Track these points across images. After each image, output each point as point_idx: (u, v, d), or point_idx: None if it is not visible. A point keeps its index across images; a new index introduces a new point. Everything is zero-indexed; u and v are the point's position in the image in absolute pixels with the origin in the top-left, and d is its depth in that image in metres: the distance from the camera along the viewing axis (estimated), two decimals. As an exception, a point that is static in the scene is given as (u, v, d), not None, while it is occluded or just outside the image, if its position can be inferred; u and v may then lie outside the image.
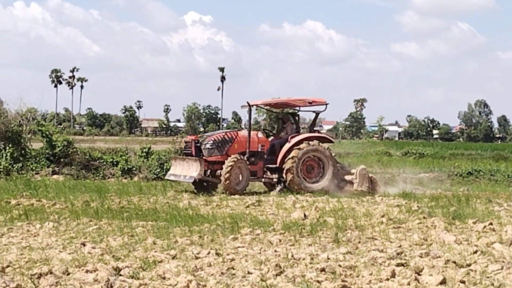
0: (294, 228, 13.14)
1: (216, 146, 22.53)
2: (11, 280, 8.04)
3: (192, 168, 21.77)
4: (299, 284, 8.13)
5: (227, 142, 22.70)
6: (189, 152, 22.76)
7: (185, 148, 23.49)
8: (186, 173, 21.90)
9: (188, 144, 23.10)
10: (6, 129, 29.37)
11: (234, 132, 23.40)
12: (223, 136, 22.83)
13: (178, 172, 22.36)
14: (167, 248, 10.90)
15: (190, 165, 21.97)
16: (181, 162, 22.58)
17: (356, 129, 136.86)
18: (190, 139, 23.27)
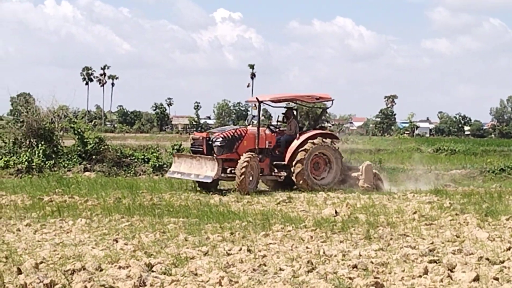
0: (325, 225, 13.11)
1: (226, 143, 21.62)
2: (45, 276, 8.11)
3: (207, 167, 20.75)
4: (331, 280, 8.10)
5: (237, 139, 21.83)
6: (199, 149, 21.69)
7: (194, 146, 22.19)
8: (198, 171, 20.86)
9: (197, 141, 21.98)
10: (38, 127, 29.62)
11: (244, 129, 22.41)
12: (233, 133, 21.92)
13: (186, 170, 21.25)
14: (199, 245, 10.93)
15: (203, 163, 20.91)
16: (190, 160, 21.46)
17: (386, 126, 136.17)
18: (200, 136, 22.17)
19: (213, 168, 20.52)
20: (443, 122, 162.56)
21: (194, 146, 22.06)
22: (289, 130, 22.83)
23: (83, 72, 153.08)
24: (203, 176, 20.61)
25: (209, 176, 20.50)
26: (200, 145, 21.69)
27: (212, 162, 20.71)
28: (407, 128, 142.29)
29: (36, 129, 29.61)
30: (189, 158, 21.70)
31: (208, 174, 20.52)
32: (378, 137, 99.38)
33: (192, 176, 20.97)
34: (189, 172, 21.10)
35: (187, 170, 21.22)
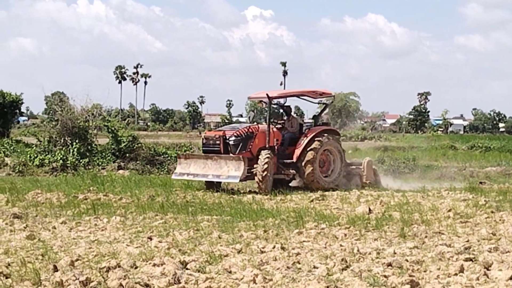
0: (359, 223, 13.06)
1: (241, 141, 20.87)
2: (80, 273, 8.16)
3: (230, 167, 19.93)
4: (365, 278, 8.06)
5: (250, 137, 21.05)
6: (215, 149, 20.79)
7: (207, 145, 21.19)
8: (217, 172, 20.03)
9: (211, 140, 21.05)
10: (73, 125, 29.88)
11: (255, 126, 21.49)
12: (246, 131, 21.12)
13: (199, 171, 20.36)
14: (233, 242, 10.94)
15: (224, 163, 20.06)
16: (203, 160, 20.55)
17: (420, 123, 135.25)
18: (216, 135, 21.23)
19: (238, 168, 19.80)
20: (478, 119, 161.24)
21: (207, 146, 21.17)
22: (290, 127, 22.50)
23: (116, 71, 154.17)
24: (225, 176, 19.92)
25: (235, 176, 19.79)
26: (215, 144, 20.90)
27: (236, 161, 19.99)
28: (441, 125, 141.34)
29: (71, 128, 29.87)
30: (201, 158, 20.83)
31: (233, 174, 19.80)
32: (412, 134, 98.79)
33: (210, 177, 20.20)
34: (204, 173, 20.31)
35: (201, 171, 20.41)
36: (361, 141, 70.04)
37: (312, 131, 21.98)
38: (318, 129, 22.27)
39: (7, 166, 28.59)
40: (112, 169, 28.17)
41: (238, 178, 19.75)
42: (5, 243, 10.82)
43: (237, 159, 19.94)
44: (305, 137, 21.77)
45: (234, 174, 19.75)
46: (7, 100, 47.59)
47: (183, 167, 20.89)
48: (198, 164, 20.56)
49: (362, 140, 70.96)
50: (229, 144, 20.72)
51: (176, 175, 21.14)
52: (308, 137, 21.72)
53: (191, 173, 20.54)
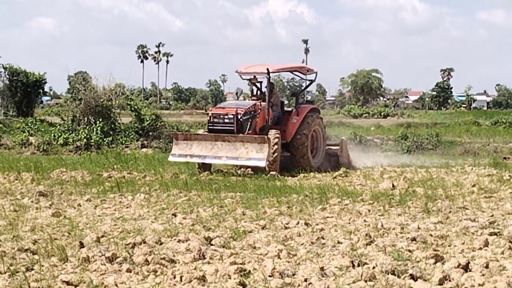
0: (382, 198, 13.05)
1: (250, 119, 19.32)
2: (106, 249, 8.24)
3: (251, 148, 18.21)
4: (390, 253, 8.07)
5: (255, 116, 19.44)
6: (228, 128, 18.95)
7: (216, 123, 19.19)
8: (233, 154, 18.30)
9: (222, 118, 19.14)
10: (96, 104, 30.06)
11: (258, 104, 19.70)
12: (253, 108, 19.47)
13: (206, 152, 18.63)
14: (257, 219, 10.99)
15: (241, 144, 18.34)
16: (210, 141, 18.75)
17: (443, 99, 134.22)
18: (229, 112, 19.19)
19: (260, 149, 18.11)
20: (501, 95, 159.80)
21: (217, 124, 19.14)
22: (275, 105, 20.80)
23: (138, 50, 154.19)
24: (245, 159, 18.21)
25: (259, 159, 18.06)
26: (227, 123, 19.02)
27: (259, 142, 18.24)
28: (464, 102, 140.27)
29: (94, 107, 30.06)
30: (208, 138, 18.88)
31: (255, 156, 18.10)
32: (434, 111, 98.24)
33: (224, 159, 18.51)
34: (214, 155, 18.56)
35: (208, 152, 18.65)
36: (384, 118, 69.78)
37: (302, 110, 20.72)
38: (307, 107, 21.18)
39: (31, 145, 28.85)
40: (135, 147, 28.34)
41: (263, 161, 18.02)
42: (32, 220, 10.93)
43: (260, 140, 18.26)
44: (297, 116, 20.45)
45: (257, 157, 18.06)
46: (30, 80, 47.80)
47: (182, 147, 19.01)
48: (203, 145, 18.76)
49: (384, 117, 70.69)
50: (240, 123, 19.08)
51: (174, 156, 19.22)
52: (301, 117, 20.45)
53: (195, 154, 18.76)
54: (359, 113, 75.81)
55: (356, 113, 75.79)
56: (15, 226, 10.23)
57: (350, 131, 36.97)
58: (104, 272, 7.35)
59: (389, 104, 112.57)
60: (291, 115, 20.50)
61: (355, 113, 75.41)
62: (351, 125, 51.37)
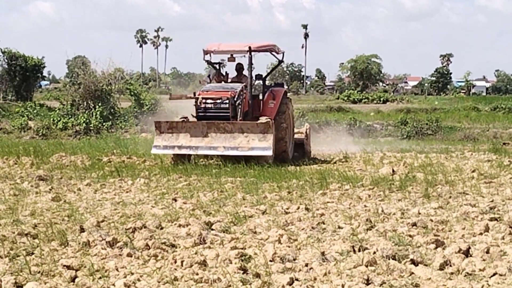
0: (383, 184, 13.05)
1: (240, 105, 17.35)
2: (106, 234, 8.24)
3: (251, 137, 16.36)
4: (390, 238, 8.07)
5: (243, 101, 17.51)
6: (222, 114, 16.95)
7: (208, 110, 17.13)
8: (232, 143, 16.37)
9: (215, 103, 17.09)
10: (95, 89, 30.06)
11: (243, 87, 17.75)
12: (240, 92, 17.45)
13: (199, 143, 16.52)
14: (257, 204, 10.98)
15: (240, 133, 16.45)
16: (201, 129, 16.61)
17: (442, 85, 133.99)
18: (224, 96, 17.08)
19: (264, 138, 16.36)
20: (500, 81, 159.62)
21: (209, 111, 17.11)
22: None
23: (137, 35, 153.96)
24: (247, 148, 16.31)
25: (264, 148, 16.33)
26: (222, 108, 17.01)
27: (262, 129, 16.44)
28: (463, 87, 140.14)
29: (93, 91, 30.06)
30: (199, 126, 16.68)
31: (258, 145, 16.34)
32: (434, 97, 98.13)
33: (221, 149, 16.46)
34: (208, 145, 16.47)
35: (200, 142, 16.52)
36: (383, 103, 69.72)
37: (278, 94, 18.68)
38: (281, 91, 19.05)
39: (30, 130, 28.86)
40: (135, 132, 28.32)
41: (269, 150, 16.34)
42: (31, 204, 10.91)
43: (263, 127, 16.47)
44: (273, 100, 18.46)
45: (260, 146, 16.30)
46: (29, 64, 47.75)
47: (167, 138, 16.73)
48: (192, 134, 16.58)
49: (384, 103, 70.63)
50: (234, 108, 17.16)
51: (158, 148, 16.85)
52: (277, 101, 18.47)
53: (183, 145, 16.57)
54: (358, 98, 75.73)
55: (356, 98, 75.72)
56: (15, 210, 10.21)
57: (350, 117, 36.96)
58: (104, 256, 7.34)
59: (389, 89, 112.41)
60: (266, 99, 18.47)
61: (354, 99, 75.33)
62: (351, 110, 51.33)
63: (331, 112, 48.78)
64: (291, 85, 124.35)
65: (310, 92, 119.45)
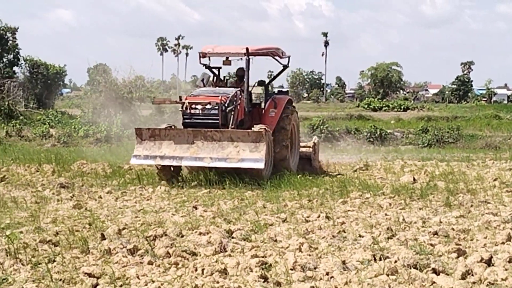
0: (403, 192, 12.99)
1: (233, 111, 15.59)
2: (127, 241, 8.26)
3: (242, 147, 14.54)
4: (412, 247, 8.02)
5: (237, 107, 15.75)
6: (209, 121, 15.21)
7: (195, 116, 15.37)
8: (219, 154, 14.56)
9: (201, 109, 15.32)
10: (116, 96, 30.16)
11: (238, 92, 16.05)
12: (235, 98, 15.78)
13: (183, 153, 14.79)
14: (277, 212, 10.97)
15: (229, 142, 14.63)
16: (187, 137, 14.91)
17: (463, 93, 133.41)
18: (212, 101, 15.30)
19: (256, 148, 14.52)
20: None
21: (195, 117, 15.37)
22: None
23: (157, 43, 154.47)
24: (236, 160, 14.43)
25: (255, 160, 14.42)
26: (210, 115, 15.28)
27: (253, 139, 14.60)
28: (484, 95, 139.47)
29: (114, 99, 30.17)
30: (184, 134, 14.99)
31: (249, 156, 14.46)
32: (455, 104, 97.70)
33: (207, 160, 14.63)
34: (193, 156, 14.72)
35: (185, 152, 14.83)
36: (404, 111, 69.50)
37: (280, 102, 17.15)
38: (284, 99, 17.46)
39: (52, 137, 29.03)
40: (155, 140, 28.36)
41: (262, 162, 14.41)
42: (53, 212, 10.97)
43: (254, 136, 14.62)
44: (275, 109, 16.92)
45: (252, 157, 14.44)
46: (50, 72, 48.07)
47: (149, 147, 15.10)
48: (177, 143, 14.96)
49: (404, 111, 70.40)
50: (225, 114, 15.49)
51: (138, 158, 15.20)
52: (279, 110, 16.93)
53: (166, 155, 14.89)
54: (378, 106, 75.57)
55: (376, 106, 75.56)
56: (36, 218, 10.27)
57: (370, 125, 36.87)
58: (125, 264, 7.36)
59: (409, 97, 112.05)
60: (267, 108, 16.95)
61: (374, 106, 75.17)
62: (371, 118, 51.20)
63: (351, 120, 48.66)
64: (311, 93, 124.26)
65: (330, 100, 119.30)
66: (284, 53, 17.69)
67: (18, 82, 47.66)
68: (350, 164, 19.80)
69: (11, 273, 7.01)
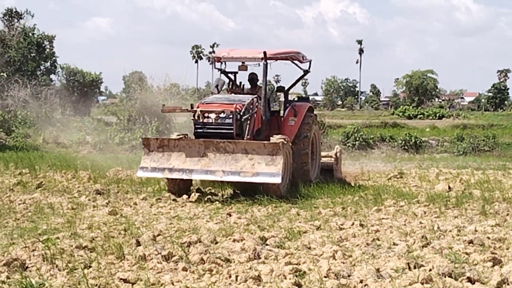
0: (438, 200, 12.91)
1: (248, 120, 14.51)
2: (162, 248, 8.31)
3: (258, 160, 13.34)
4: (446, 255, 7.97)
5: (253, 115, 14.69)
6: (224, 131, 14.13)
7: (207, 125, 14.28)
8: (233, 167, 13.40)
9: (214, 118, 14.21)
10: (151, 104, 30.34)
11: (255, 99, 14.93)
12: (251, 106, 14.70)
13: (194, 165, 13.63)
14: (311, 219, 10.97)
15: (243, 154, 13.46)
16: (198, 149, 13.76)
17: (499, 101, 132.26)
18: (226, 109, 14.20)
19: (272, 161, 13.34)
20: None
21: (208, 126, 14.28)
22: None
23: (192, 51, 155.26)
24: (250, 174, 13.29)
25: (272, 174, 13.23)
26: (224, 124, 14.20)
27: (270, 151, 13.41)
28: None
29: (149, 106, 30.34)
30: (195, 145, 13.83)
31: (265, 170, 13.28)
32: (491, 113, 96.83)
33: (219, 174, 13.49)
34: (205, 169, 13.57)
35: (195, 165, 13.68)
36: (439, 119, 69.09)
37: (300, 110, 16.12)
38: (305, 106, 16.50)
39: (88, 144, 29.28)
40: (190, 147, 28.50)
41: (279, 177, 13.21)
42: (89, 218, 11.08)
43: (271, 148, 13.45)
44: (295, 117, 15.91)
45: (268, 171, 13.27)
46: (87, 79, 48.53)
47: (157, 159, 14.09)
48: (187, 154, 13.86)
49: (440, 118, 69.97)
50: (240, 123, 14.37)
51: (145, 171, 14.20)
52: (300, 118, 15.94)
53: (175, 168, 13.80)
54: (413, 114, 75.22)
55: (411, 114, 75.22)
56: (73, 224, 10.38)
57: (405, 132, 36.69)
58: (160, 270, 7.41)
59: (444, 105, 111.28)
60: (286, 116, 15.99)
61: (409, 114, 74.83)
62: (406, 126, 50.94)
63: (386, 128, 48.48)
64: (346, 101, 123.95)
65: (364, 108, 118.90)
66: (305, 57, 16.73)
67: (55, 89, 48.26)
68: (385, 172, 19.72)
69: (47, 278, 7.10)
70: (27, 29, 52.56)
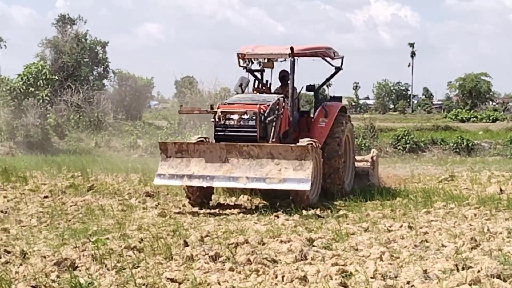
0: (489, 203, 12.74)
1: (273, 121, 13.35)
2: (209, 248, 8.37)
3: (285, 165, 12.17)
4: (496, 257, 7.88)
5: (279, 117, 13.53)
6: (247, 134, 12.97)
7: (229, 127, 13.09)
8: (257, 173, 12.23)
9: (237, 120, 13.04)
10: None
11: (281, 99, 13.79)
12: (277, 106, 13.58)
13: (215, 172, 12.40)
14: (359, 221, 10.93)
15: (269, 159, 12.27)
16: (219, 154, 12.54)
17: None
18: (249, 110, 13.05)
19: (301, 166, 12.16)
20: None
21: (229, 128, 13.10)
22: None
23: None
24: (277, 180, 12.12)
25: (300, 180, 12.07)
26: (246, 126, 13.04)
27: (298, 155, 12.24)
28: None
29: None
30: (216, 150, 12.64)
31: (293, 176, 12.12)
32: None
33: (242, 181, 12.31)
34: (227, 175, 12.39)
35: (217, 171, 12.47)
36: (493, 122, 68.20)
37: (332, 110, 14.85)
38: (337, 106, 15.22)
39: (139, 148, 29.61)
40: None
41: (307, 183, 12.07)
42: (138, 219, 11.22)
43: (299, 152, 12.27)
44: (325, 118, 14.64)
45: (295, 177, 12.11)
46: (138, 84, 49.05)
47: (175, 165, 12.81)
48: (208, 160, 12.62)
49: (493, 121, 69.06)
50: (265, 125, 13.19)
51: (162, 178, 12.87)
52: (331, 119, 14.67)
53: (195, 175, 12.54)
54: (466, 117, 74.40)
55: (464, 117, 74.41)
56: (122, 225, 10.52)
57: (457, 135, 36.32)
58: (207, 270, 7.47)
59: (499, 108, 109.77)
60: (316, 117, 14.81)
61: (462, 117, 74.03)
62: (458, 129, 50.41)
63: (437, 131, 47.98)
64: (398, 104, 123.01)
65: (417, 111, 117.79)
66: (337, 54, 15.43)
67: (107, 94, 48.88)
68: (435, 175, 19.53)
69: (97, 277, 7.22)
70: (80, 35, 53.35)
